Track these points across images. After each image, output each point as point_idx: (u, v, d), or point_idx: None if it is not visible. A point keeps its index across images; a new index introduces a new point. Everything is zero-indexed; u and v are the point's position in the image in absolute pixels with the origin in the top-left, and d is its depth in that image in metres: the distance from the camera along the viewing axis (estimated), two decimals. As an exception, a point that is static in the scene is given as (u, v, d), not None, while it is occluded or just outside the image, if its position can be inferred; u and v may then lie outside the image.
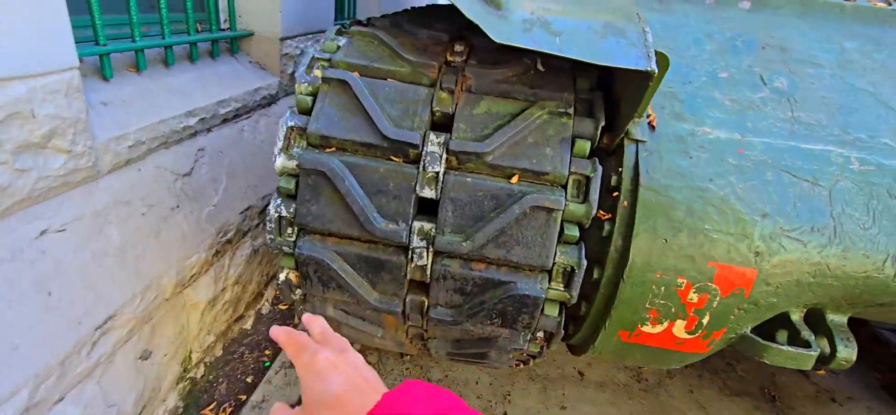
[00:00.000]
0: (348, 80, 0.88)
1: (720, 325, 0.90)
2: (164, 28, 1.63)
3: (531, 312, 0.87)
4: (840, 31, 1.08)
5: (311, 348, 0.48)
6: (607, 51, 0.72)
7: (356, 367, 0.47)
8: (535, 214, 0.82)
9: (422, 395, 0.40)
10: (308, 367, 0.46)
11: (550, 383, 1.81)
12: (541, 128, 0.84)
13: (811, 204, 0.86)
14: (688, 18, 1.09)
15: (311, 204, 0.85)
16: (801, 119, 0.93)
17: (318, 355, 0.47)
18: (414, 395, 0.40)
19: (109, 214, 1.22)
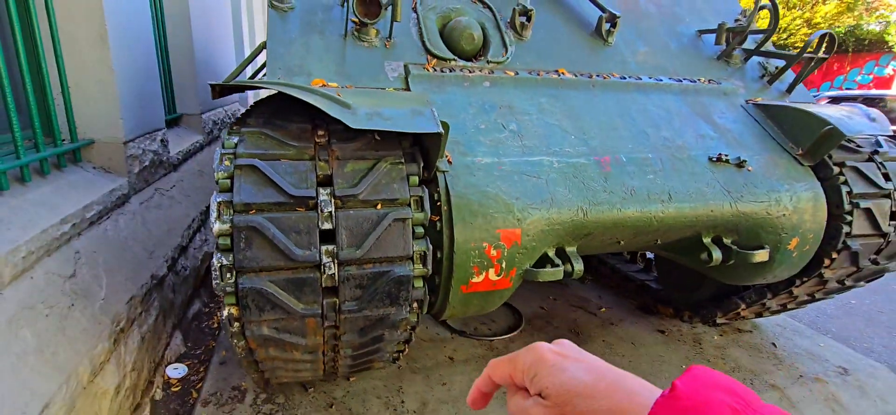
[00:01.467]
0: (256, 164, 1.30)
1: (511, 266, 1.55)
2: (19, 148, 1.74)
3: (406, 287, 1.39)
4: (537, 92, 1.92)
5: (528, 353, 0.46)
6: (415, 124, 1.32)
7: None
8: (396, 225, 1.35)
9: (715, 381, 0.36)
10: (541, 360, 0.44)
11: (429, 371, 2.32)
12: (387, 173, 1.39)
13: (539, 188, 1.58)
14: (457, 96, 1.79)
15: (246, 251, 1.23)
16: (526, 145, 1.68)
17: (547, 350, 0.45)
18: (706, 380, 0.36)
19: (20, 320, 1.34)
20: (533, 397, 0.44)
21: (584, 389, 0.40)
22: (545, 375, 0.43)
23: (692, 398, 0.34)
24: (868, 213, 1.88)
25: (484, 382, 0.50)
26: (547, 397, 0.42)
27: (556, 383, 0.42)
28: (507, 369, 0.47)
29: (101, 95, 2.17)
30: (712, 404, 0.34)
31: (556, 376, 0.42)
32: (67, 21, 2.02)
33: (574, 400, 0.41)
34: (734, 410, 0.33)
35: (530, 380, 0.44)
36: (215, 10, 4.44)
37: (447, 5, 2.11)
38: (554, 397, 0.42)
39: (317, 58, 1.82)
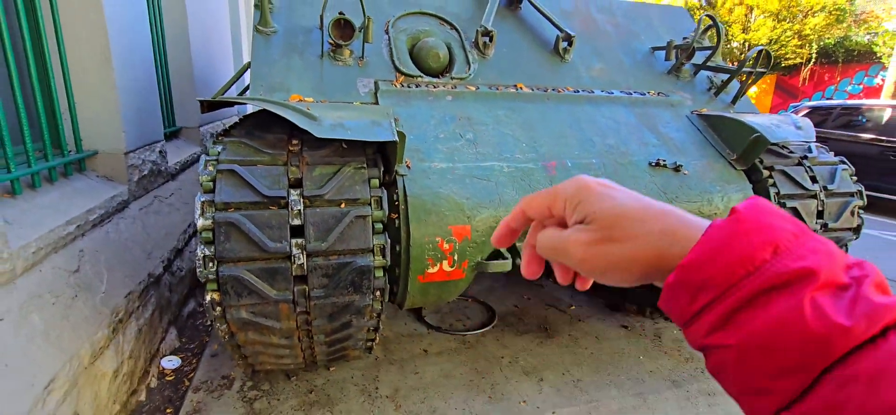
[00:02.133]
0: (235, 169, 1.51)
1: (463, 259, 1.74)
2: (30, 158, 1.96)
3: (368, 276, 1.59)
4: (496, 105, 2.13)
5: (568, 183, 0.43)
6: (373, 133, 1.53)
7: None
8: (357, 221, 1.56)
9: (775, 209, 0.35)
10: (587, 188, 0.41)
11: (404, 362, 2.50)
12: (351, 176, 1.60)
13: (488, 190, 1.79)
14: (421, 109, 2.00)
15: (226, 243, 1.44)
16: (480, 151, 1.89)
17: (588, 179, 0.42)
18: (766, 207, 0.35)
19: (30, 306, 1.54)
20: (574, 226, 0.41)
21: (634, 212, 0.38)
22: (592, 201, 0.40)
23: (754, 222, 0.33)
24: (795, 212, 2.08)
25: (515, 218, 0.47)
26: (592, 222, 0.39)
27: (604, 208, 0.39)
28: (545, 201, 0.44)
29: (105, 111, 2.40)
30: (775, 228, 0.33)
31: (605, 201, 0.39)
32: (75, 45, 2.25)
33: (622, 223, 0.38)
34: (795, 235, 0.32)
35: (573, 208, 0.41)
36: (214, 28, 4.69)
37: (417, 27, 2.33)
38: (601, 221, 0.39)
39: (296, 76, 2.04)
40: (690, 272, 0.34)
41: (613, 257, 0.38)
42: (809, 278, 0.31)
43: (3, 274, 1.48)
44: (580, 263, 0.41)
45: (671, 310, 0.37)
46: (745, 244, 0.32)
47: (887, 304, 0.29)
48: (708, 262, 0.33)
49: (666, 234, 0.37)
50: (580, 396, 2.28)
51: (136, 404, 2.09)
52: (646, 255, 0.37)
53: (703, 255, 0.34)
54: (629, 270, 0.38)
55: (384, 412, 2.12)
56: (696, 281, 0.34)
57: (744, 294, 0.32)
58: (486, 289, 3.39)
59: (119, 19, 2.44)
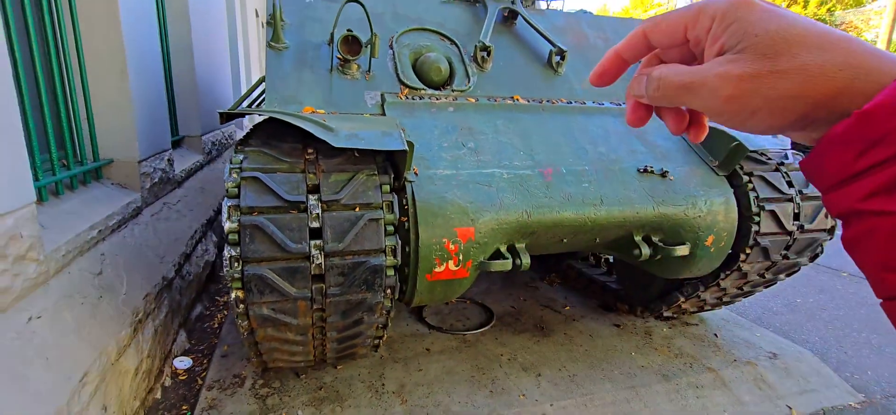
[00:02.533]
0: (258, 176, 1.63)
1: (468, 258, 1.87)
2: (54, 167, 2.06)
3: (380, 275, 1.71)
4: (495, 116, 2.27)
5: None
6: (385, 143, 1.66)
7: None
8: (371, 223, 1.68)
9: None
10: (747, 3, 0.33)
11: (408, 360, 2.62)
12: (364, 183, 1.73)
13: (490, 194, 1.92)
14: (425, 120, 2.14)
15: (250, 244, 1.56)
16: (481, 159, 2.03)
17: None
18: None
19: (62, 305, 1.64)
20: (718, 58, 0.33)
21: (811, 37, 0.31)
22: (753, 21, 0.32)
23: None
24: (773, 214, 2.24)
25: (630, 45, 0.39)
26: (749, 47, 0.32)
27: (769, 30, 0.31)
28: (682, 20, 0.36)
29: (120, 121, 2.50)
30: None
31: (771, 21, 0.32)
32: (94, 59, 2.36)
33: (793, 50, 0.31)
34: None
35: (724, 28, 0.33)
36: (214, 42, 4.81)
37: (419, 42, 2.48)
38: (764, 46, 0.31)
39: (307, 89, 2.17)
40: (872, 121, 0.28)
41: (774, 92, 0.31)
42: None
43: (40, 275, 1.58)
44: (726, 101, 0.33)
45: (823, 166, 0.32)
46: None
47: None
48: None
49: (851, 65, 0.30)
50: (576, 389, 2.41)
51: (152, 401, 2.18)
52: (822, 90, 0.30)
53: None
54: (791, 110, 0.31)
55: (391, 406, 2.23)
56: (876, 132, 0.28)
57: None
58: (483, 291, 3.52)
59: (135, 34, 2.55)
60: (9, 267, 1.40)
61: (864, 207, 0.30)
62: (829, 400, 2.53)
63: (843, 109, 0.30)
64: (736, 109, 0.33)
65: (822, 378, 2.66)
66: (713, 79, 0.33)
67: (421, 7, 2.64)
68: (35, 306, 1.51)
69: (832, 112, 0.31)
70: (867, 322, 3.52)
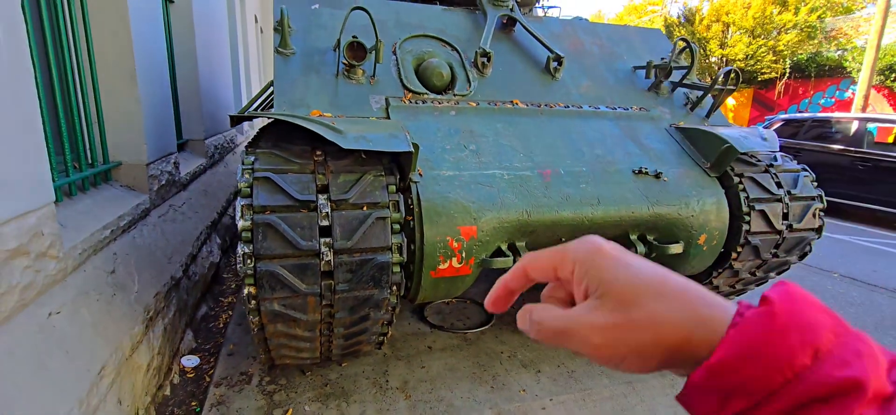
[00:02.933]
0: (270, 176, 1.70)
1: (470, 256, 1.95)
2: (68, 168, 2.12)
3: (387, 272, 1.78)
4: (495, 119, 2.35)
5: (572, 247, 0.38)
6: (391, 145, 1.73)
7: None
8: (378, 222, 1.75)
9: (810, 298, 0.31)
10: (601, 252, 0.36)
11: (411, 358, 2.68)
12: (372, 183, 1.80)
13: (491, 194, 2.00)
14: (428, 123, 2.22)
15: (263, 242, 1.62)
16: (482, 161, 2.11)
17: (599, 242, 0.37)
18: (801, 296, 0.31)
19: (79, 301, 1.70)
20: (584, 302, 0.36)
21: (654, 286, 0.33)
22: (606, 268, 0.35)
23: (790, 317, 0.29)
24: (763, 214, 2.33)
25: (515, 277, 0.42)
26: (605, 294, 0.34)
27: (621, 279, 0.34)
28: (551, 262, 0.39)
29: (129, 124, 2.56)
30: (814, 326, 0.29)
31: (622, 270, 0.34)
32: (104, 64, 2.42)
33: (641, 300, 0.33)
34: (835, 333, 0.29)
35: (584, 273, 0.36)
36: (216, 47, 4.88)
37: (421, 48, 2.56)
38: (617, 296, 0.34)
39: (314, 92, 2.24)
40: (721, 373, 0.30)
41: (636, 341, 0.33)
42: (856, 392, 0.27)
43: (58, 272, 1.64)
44: (596, 349, 0.35)
45: (692, 407, 0.33)
46: (782, 345, 0.29)
47: None
48: (741, 364, 0.29)
49: (688, 315, 0.32)
50: (574, 385, 2.48)
51: (162, 398, 2.23)
52: (672, 338, 0.32)
53: (736, 354, 0.30)
54: (653, 355, 0.33)
55: (395, 401, 2.29)
56: (727, 384, 0.30)
57: (784, 406, 0.28)
58: (483, 292, 3.58)
59: (143, 41, 2.62)
60: (31, 263, 1.46)
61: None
62: (819, 394, 2.60)
63: (695, 355, 0.32)
64: (606, 356, 0.35)
65: (812, 373, 2.74)
66: (582, 329, 0.35)
67: (423, 14, 2.73)
68: (54, 302, 1.56)
69: (687, 357, 0.33)
70: (856, 321, 3.61)
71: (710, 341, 0.32)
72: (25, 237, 1.47)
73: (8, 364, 1.30)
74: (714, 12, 17.92)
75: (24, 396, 1.30)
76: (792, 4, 16.22)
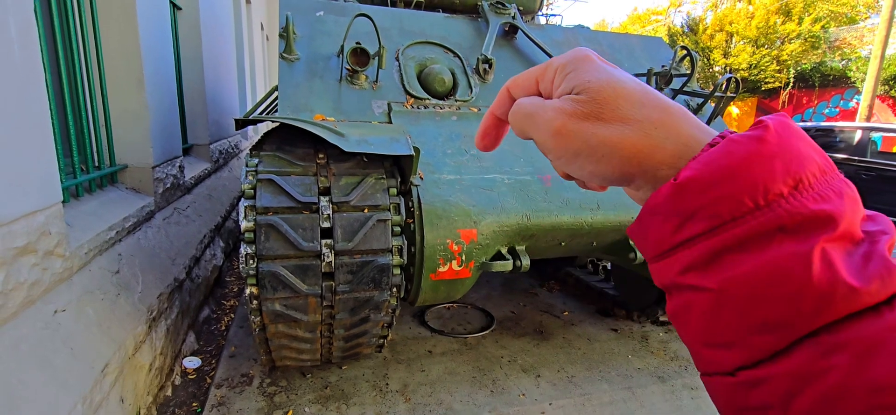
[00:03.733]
0: (273, 178, 1.73)
1: (470, 259, 1.96)
2: (76, 170, 2.15)
3: (387, 274, 1.80)
4: (496, 125, 2.37)
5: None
6: (393, 148, 1.76)
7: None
8: (379, 224, 1.77)
9: (804, 134, 0.29)
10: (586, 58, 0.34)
11: (411, 361, 2.69)
12: (373, 186, 1.82)
13: (491, 198, 2.02)
14: (430, 128, 2.25)
15: (265, 243, 1.65)
16: (483, 165, 2.13)
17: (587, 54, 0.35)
18: (797, 130, 0.29)
19: (85, 300, 1.72)
20: (562, 97, 0.34)
21: (633, 93, 0.32)
22: (588, 70, 0.34)
23: (781, 145, 0.27)
24: (763, 220, 2.33)
25: (500, 103, 0.40)
26: (581, 92, 0.33)
27: (600, 79, 0.33)
28: (534, 74, 0.38)
29: (136, 128, 2.61)
30: (803, 157, 0.28)
31: (601, 73, 0.33)
32: (112, 68, 2.47)
33: (617, 101, 0.32)
34: (822, 170, 0.28)
35: (563, 77, 0.35)
36: (222, 54, 4.94)
37: (424, 55, 2.60)
38: (594, 93, 0.33)
39: (318, 97, 2.27)
40: (685, 194, 0.28)
41: (594, 138, 0.32)
42: (827, 225, 0.26)
43: (64, 270, 1.66)
44: (552, 136, 0.34)
45: (646, 234, 0.32)
46: (763, 171, 0.27)
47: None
48: (715, 183, 0.27)
49: (665, 124, 0.31)
50: (574, 390, 2.48)
51: (164, 398, 2.25)
52: (634, 143, 0.31)
53: (712, 172, 0.28)
54: (608, 159, 0.32)
55: (395, 404, 2.30)
56: (691, 205, 0.28)
57: (743, 232, 0.27)
58: (484, 296, 3.60)
59: (151, 45, 2.67)
60: (39, 261, 1.49)
61: (682, 281, 0.29)
62: (821, 402, 2.59)
63: (657, 170, 0.31)
64: (561, 146, 0.34)
65: (814, 381, 2.73)
66: (548, 111, 0.34)
67: (426, 21, 2.76)
68: (60, 300, 1.59)
69: (646, 171, 0.32)
70: (859, 329, 3.59)
71: (680, 157, 0.30)
72: (34, 235, 1.50)
73: (14, 359, 1.33)
74: (717, 22, 17.97)
75: (29, 390, 1.32)
76: (796, 14, 16.26)
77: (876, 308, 0.25)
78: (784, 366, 0.26)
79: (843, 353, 0.24)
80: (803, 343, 0.25)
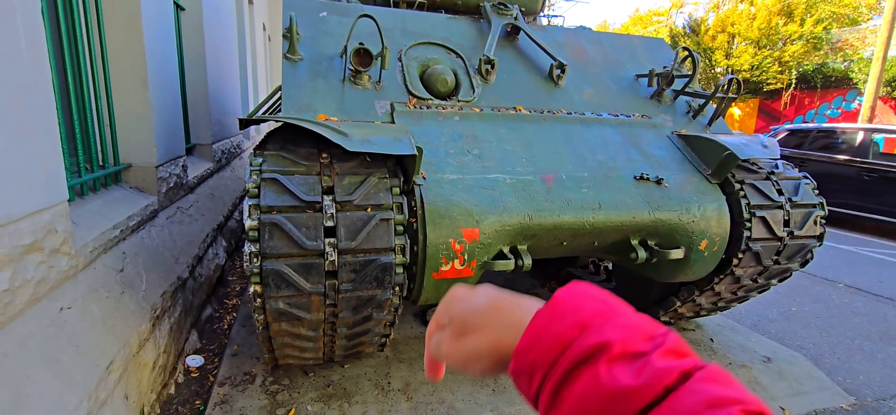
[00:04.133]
0: (277, 177, 1.74)
1: (472, 258, 1.97)
2: (81, 169, 2.17)
3: (390, 273, 1.81)
4: (498, 125, 2.39)
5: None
6: (396, 148, 1.77)
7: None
8: (382, 223, 1.79)
9: (589, 291, 0.41)
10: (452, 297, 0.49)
11: (413, 360, 2.70)
12: (376, 185, 1.83)
13: (494, 198, 2.03)
14: (432, 128, 2.26)
15: (269, 241, 1.66)
16: (486, 165, 2.14)
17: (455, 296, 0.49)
18: (581, 290, 0.41)
19: (90, 298, 1.74)
20: (444, 329, 0.48)
21: (482, 307, 0.45)
22: (452, 306, 0.48)
23: (567, 305, 0.39)
24: (764, 220, 2.34)
25: (428, 352, 0.52)
26: (451, 324, 0.47)
27: (460, 309, 0.46)
28: (435, 322, 0.51)
29: (140, 128, 2.62)
30: (583, 309, 0.38)
31: (460, 303, 0.47)
32: (117, 69, 2.49)
33: (474, 318, 0.44)
34: (601, 313, 0.38)
35: (444, 316, 0.49)
36: (225, 54, 4.96)
37: (426, 55, 2.61)
38: (458, 319, 0.46)
39: (321, 97, 2.29)
40: (522, 357, 0.40)
41: (466, 350, 0.45)
42: (605, 349, 0.36)
43: (70, 268, 1.68)
44: (446, 357, 0.47)
45: (520, 389, 0.42)
46: (558, 326, 0.38)
47: (669, 367, 0.34)
48: (533, 346, 0.39)
49: (504, 323, 0.43)
50: (575, 389, 2.49)
51: (167, 396, 2.27)
52: (488, 344, 0.43)
53: (529, 340, 0.39)
54: (480, 359, 0.44)
55: (397, 403, 2.31)
56: (527, 364, 0.39)
57: (560, 371, 0.37)
58: (485, 297, 3.60)
59: (155, 46, 2.69)
60: (45, 259, 1.50)
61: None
62: (821, 402, 2.60)
63: (509, 351, 0.42)
64: (454, 362, 0.46)
65: (815, 381, 2.74)
66: (440, 342, 0.48)
67: (428, 22, 2.78)
68: (65, 297, 1.60)
69: (504, 358, 0.43)
70: (860, 330, 3.59)
71: (516, 336, 0.41)
72: (40, 233, 1.52)
73: (21, 356, 1.34)
74: (719, 23, 17.96)
75: (35, 387, 1.33)
76: (798, 16, 16.24)
77: (657, 402, 0.33)
78: None
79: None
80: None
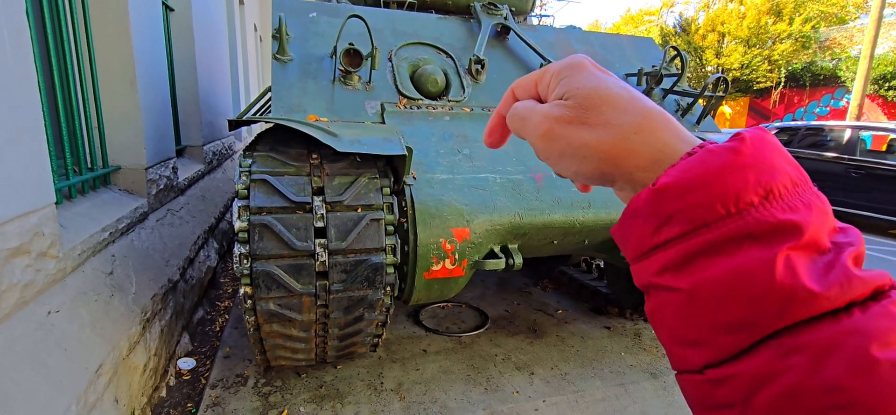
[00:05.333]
0: (266, 179, 1.74)
1: (463, 257, 1.98)
2: (69, 171, 2.15)
3: (381, 273, 1.82)
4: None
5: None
6: (385, 148, 1.77)
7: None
8: (372, 223, 1.79)
9: (780, 148, 0.30)
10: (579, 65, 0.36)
11: (406, 360, 2.70)
12: (366, 185, 1.84)
13: (484, 197, 2.04)
14: (423, 128, 2.27)
15: (259, 242, 1.66)
16: (476, 165, 2.15)
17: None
18: (773, 144, 0.30)
19: (78, 301, 1.73)
20: (551, 102, 0.37)
21: (618, 100, 0.34)
22: (578, 77, 0.36)
23: (755, 156, 0.29)
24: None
25: (505, 102, 0.42)
26: (570, 98, 0.35)
27: (587, 85, 0.35)
28: (533, 78, 0.40)
29: (129, 129, 2.60)
30: (775, 169, 0.29)
31: (591, 79, 0.35)
32: (105, 69, 2.47)
33: (602, 107, 0.34)
34: (794, 183, 0.29)
35: (557, 82, 0.37)
36: (215, 55, 4.93)
37: (417, 56, 2.61)
38: (580, 99, 0.35)
39: (311, 98, 2.29)
40: (666, 197, 0.30)
41: (576, 141, 0.34)
42: (792, 233, 0.28)
43: (58, 272, 1.67)
44: (540, 138, 0.37)
45: (627, 236, 0.33)
46: (737, 180, 0.28)
47: (862, 277, 0.27)
48: (691, 190, 0.29)
49: (644, 130, 0.33)
50: (567, 387, 2.51)
51: (158, 399, 2.25)
52: (611, 147, 0.33)
53: (688, 180, 0.29)
54: (587, 160, 0.35)
55: (390, 403, 2.31)
56: (668, 209, 0.30)
57: (714, 237, 0.28)
58: (478, 295, 3.62)
59: (144, 47, 2.67)
60: (32, 262, 1.49)
61: (658, 281, 0.31)
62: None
63: (633, 174, 0.33)
64: (547, 148, 0.36)
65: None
66: (536, 114, 0.37)
67: (418, 22, 2.78)
68: (53, 301, 1.59)
69: (624, 174, 0.34)
70: (848, 325, 3.64)
71: (655, 162, 0.32)
72: (27, 236, 1.50)
73: (8, 360, 1.33)
74: (710, 22, 18.12)
75: (23, 391, 1.32)
76: (786, 15, 16.42)
77: (834, 314, 0.26)
78: (746, 365, 0.27)
79: (801, 354, 0.26)
80: (765, 344, 0.27)
